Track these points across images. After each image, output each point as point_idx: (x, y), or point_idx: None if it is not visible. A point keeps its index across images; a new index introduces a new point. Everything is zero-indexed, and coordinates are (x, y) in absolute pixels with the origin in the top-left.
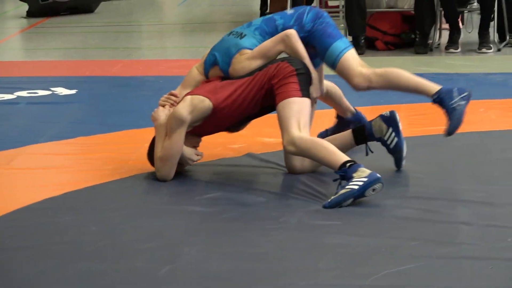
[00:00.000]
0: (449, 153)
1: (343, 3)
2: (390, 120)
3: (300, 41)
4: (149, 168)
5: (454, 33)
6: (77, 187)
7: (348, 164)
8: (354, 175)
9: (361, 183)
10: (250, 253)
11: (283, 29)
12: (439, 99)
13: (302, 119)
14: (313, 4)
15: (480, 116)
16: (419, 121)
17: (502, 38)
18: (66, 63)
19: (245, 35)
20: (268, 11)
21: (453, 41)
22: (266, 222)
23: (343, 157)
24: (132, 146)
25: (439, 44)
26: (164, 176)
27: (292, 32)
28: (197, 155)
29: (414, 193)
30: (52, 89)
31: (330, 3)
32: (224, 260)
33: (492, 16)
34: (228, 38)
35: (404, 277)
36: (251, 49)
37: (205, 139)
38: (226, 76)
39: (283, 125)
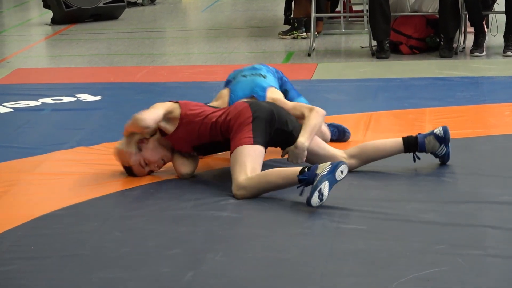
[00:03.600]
0: (475, 156)
1: (367, 8)
2: (444, 139)
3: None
4: (173, 174)
5: (479, 36)
6: (101, 194)
7: (306, 169)
8: (317, 171)
9: (328, 169)
10: (275, 259)
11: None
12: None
13: (249, 165)
14: (337, 9)
15: (505, 120)
16: (444, 125)
17: None
18: (90, 69)
19: (265, 76)
20: (292, 16)
21: (478, 44)
22: (290, 227)
23: (296, 169)
24: None
25: (464, 48)
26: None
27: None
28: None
29: (439, 197)
30: (77, 95)
31: (354, 8)
32: (248, 265)
33: None
34: (248, 79)
35: (430, 281)
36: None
37: None
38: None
39: (232, 172)
